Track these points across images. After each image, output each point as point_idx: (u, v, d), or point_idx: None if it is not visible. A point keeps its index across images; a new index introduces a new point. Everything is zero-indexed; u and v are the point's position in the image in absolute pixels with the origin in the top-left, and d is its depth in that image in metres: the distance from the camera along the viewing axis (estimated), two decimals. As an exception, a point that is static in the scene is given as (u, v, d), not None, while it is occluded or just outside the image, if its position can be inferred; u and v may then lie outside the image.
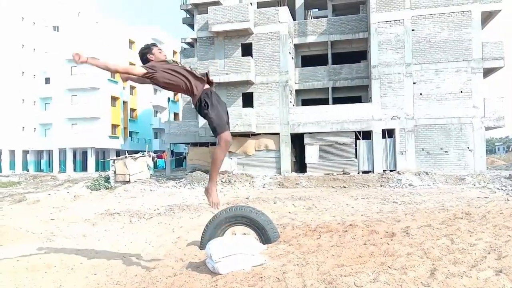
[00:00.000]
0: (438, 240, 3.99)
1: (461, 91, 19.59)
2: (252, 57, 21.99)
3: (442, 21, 19.85)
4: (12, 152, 44.69)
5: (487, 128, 20.04)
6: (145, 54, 4.05)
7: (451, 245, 3.76)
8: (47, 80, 43.01)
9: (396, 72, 20.28)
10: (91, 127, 39.00)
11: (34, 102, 44.11)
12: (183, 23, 33.00)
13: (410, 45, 20.14)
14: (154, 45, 4.12)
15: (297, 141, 22.86)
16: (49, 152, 43.37)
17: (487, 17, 20.52)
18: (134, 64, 4.08)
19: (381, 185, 17.13)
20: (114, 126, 40.95)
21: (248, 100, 22.40)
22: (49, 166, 43.28)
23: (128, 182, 20.22)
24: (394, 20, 20.36)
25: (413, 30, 20.10)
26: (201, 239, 5.21)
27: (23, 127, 44.23)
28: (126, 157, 21.86)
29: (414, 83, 20.07)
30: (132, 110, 45.42)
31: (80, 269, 4.49)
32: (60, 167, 41.22)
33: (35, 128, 44.10)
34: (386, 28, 20.44)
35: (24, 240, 7.10)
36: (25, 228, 8.38)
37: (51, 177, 30.47)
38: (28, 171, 43.27)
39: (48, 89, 42.37)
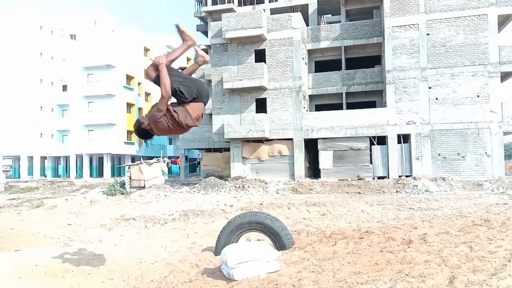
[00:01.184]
0: (456, 248, 3.91)
1: (478, 96, 19.27)
2: (265, 63, 22.06)
3: (458, 25, 19.61)
4: (31, 158, 45.63)
5: (505, 133, 19.63)
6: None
7: (470, 253, 3.69)
8: (65, 88, 43.87)
9: (411, 76, 20.07)
10: (107, 134, 39.58)
11: (52, 109, 45.00)
12: (197, 30, 33.33)
13: (425, 50, 19.93)
14: None
15: (311, 146, 22.76)
16: (66, 158, 44.10)
17: (503, 20, 20.18)
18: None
19: (396, 191, 16.91)
20: (130, 132, 41.42)
21: (261, 106, 22.45)
22: (66, 172, 43.99)
23: (143, 187, 20.43)
24: (409, 25, 20.20)
25: (428, 34, 19.90)
26: (216, 245, 5.22)
27: (41, 134, 45.15)
28: (141, 162, 22.11)
29: (429, 88, 19.83)
30: (147, 116, 45.86)
31: (97, 274, 4.54)
32: (77, 172, 41.87)
33: (52, 135, 44.96)
34: (400, 32, 20.29)
35: (42, 245, 7.23)
36: (43, 233, 8.53)
37: (68, 182, 30.98)
38: (45, 176, 44.07)
39: (65, 96, 43.20)
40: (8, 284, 4.33)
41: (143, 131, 3.72)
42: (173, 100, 3.69)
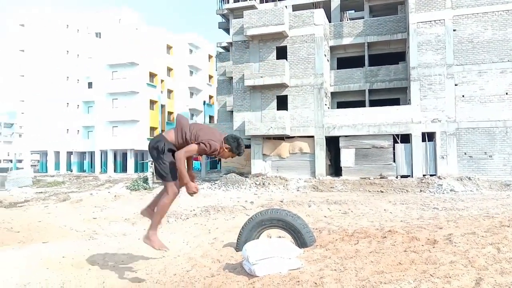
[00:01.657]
0: (483, 249, 3.81)
1: (507, 93, 18.65)
2: (286, 60, 21.98)
3: (486, 21, 19.01)
4: (57, 153, 47.00)
5: (536, 132, 18.94)
6: (228, 143, 4.18)
7: (498, 254, 3.59)
8: (90, 85, 44.92)
9: (437, 73, 19.60)
10: (131, 130, 40.32)
11: (78, 105, 46.17)
12: (219, 28, 33.52)
13: (451, 46, 19.42)
14: (238, 153, 4.24)
15: (332, 144, 22.57)
16: (91, 154, 45.21)
17: (535, 14, 19.44)
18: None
19: (420, 190, 16.59)
20: (152, 129, 42.10)
21: (282, 103, 22.39)
22: (91, 167, 45.11)
23: (165, 183, 20.71)
24: (434, 20, 19.71)
25: (454, 30, 19.38)
26: (237, 241, 5.25)
27: (68, 130, 46.41)
28: (163, 159, 22.41)
29: (455, 85, 19.33)
30: (170, 113, 46.54)
31: (121, 267, 4.64)
32: (101, 168, 42.88)
33: (78, 131, 46.14)
34: (426, 28, 19.82)
35: (68, 237, 7.45)
36: (69, 226, 8.78)
37: (93, 177, 31.75)
38: (71, 171, 45.32)
39: (90, 93, 44.23)
40: (37, 275, 4.48)
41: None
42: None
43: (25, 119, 49.58)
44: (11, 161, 74.10)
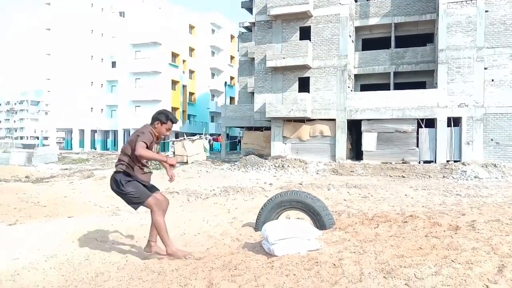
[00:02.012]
0: (507, 236, 3.72)
1: (540, 78, 17.87)
2: (310, 40, 21.60)
3: (522, 0, 18.09)
4: (82, 132, 48.15)
5: None
6: (156, 119, 4.28)
7: (523, 243, 3.50)
8: (114, 64, 45.46)
9: (466, 56, 18.91)
10: (153, 110, 40.52)
11: (102, 84, 46.92)
12: (242, 7, 33.14)
13: (482, 28, 18.63)
14: (170, 120, 4.31)
15: (354, 127, 22.28)
16: (115, 132, 46.12)
17: None
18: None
19: (443, 176, 16.26)
20: (174, 109, 42.48)
21: (304, 85, 22.13)
22: (114, 145, 46.08)
23: (186, 163, 21.00)
24: (466, 1, 18.90)
25: (486, 11, 18.55)
26: (256, 221, 5.30)
27: (92, 108, 47.36)
28: (184, 139, 22.68)
29: (485, 69, 18.62)
30: (191, 93, 46.77)
31: (144, 242, 4.76)
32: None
33: (102, 109, 47.03)
34: (456, 9, 19.04)
35: (93, 213, 7.67)
36: (93, 202, 9.04)
37: (116, 155, 32.44)
38: (95, 149, 46.45)
39: (114, 72, 44.81)
40: (63, 247, 4.66)
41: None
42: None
43: (51, 97, 50.80)
44: (37, 138, 76.50)
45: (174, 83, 42.71)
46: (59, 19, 47.87)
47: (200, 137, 24.52)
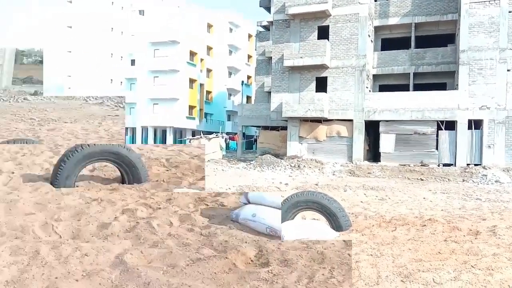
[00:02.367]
0: (531, 243, 3.63)
1: None
2: (328, 40, 21.44)
3: (548, 0, 17.57)
4: (101, 128, 48.87)
5: None
6: None
7: (547, 250, 3.40)
8: (133, 62, 46.05)
9: (488, 57, 18.46)
10: (171, 108, 41.20)
11: (121, 82, 47.60)
12: (260, 6, 33.12)
13: (505, 28, 18.16)
14: None
15: (372, 128, 22.02)
16: (133, 129, 46.74)
17: None
18: None
19: (463, 180, 15.95)
20: (191, 107, 42.80)
21: (321, 85, 21.98)
22: (132, 142, 46.68)
23: (202, 161, 21.13)
24: (489, 1, 18.45)
25: (510, 12, 18.06)
26: (272, 220, 5.30)
27: (111, 105, 48.04)
28: (201, 137, 22.84)
29: (508, 70, 18.15)
30: (208, 92, 47.02)
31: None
32: (142, 143, 44.31)
33: (121, 107, 47.66)
34: (479, 9, 18.61)
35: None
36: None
37: (134, 152, 32.88)
38: (114, 146, 47.11)
39: (133, 70, 45.39)
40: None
41: None
42: None
43: (71, 94, 51.80)
44: (58, 133, 77.88)
45: (191, 81, 43.01)
46: (80, 17, 48.77)
47: (216, 135, 24.67)
